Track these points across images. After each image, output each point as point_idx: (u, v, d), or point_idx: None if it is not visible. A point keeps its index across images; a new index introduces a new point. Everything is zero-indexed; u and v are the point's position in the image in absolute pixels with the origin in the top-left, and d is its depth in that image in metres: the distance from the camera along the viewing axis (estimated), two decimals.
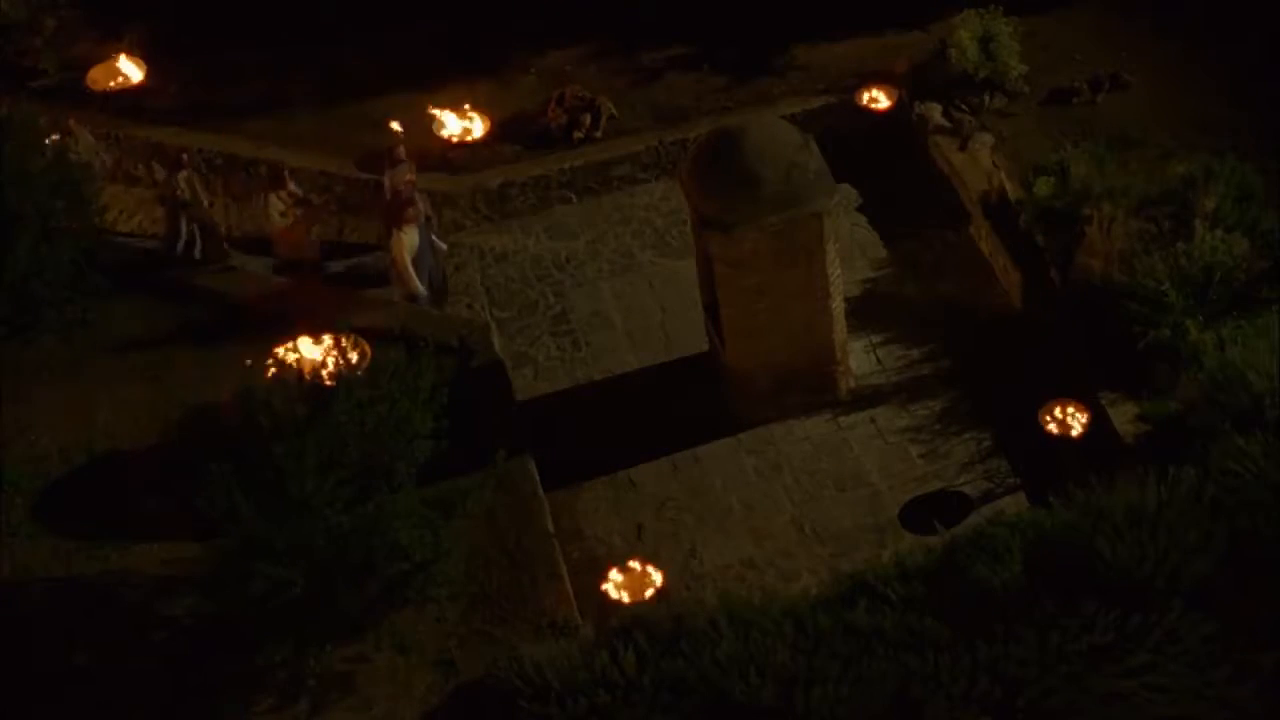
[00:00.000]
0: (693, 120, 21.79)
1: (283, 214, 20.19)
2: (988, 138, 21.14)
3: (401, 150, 20.33)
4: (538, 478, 17.63)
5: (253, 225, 21.36)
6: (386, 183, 20.30)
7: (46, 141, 20.09)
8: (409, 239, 19.17)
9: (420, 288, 19.46)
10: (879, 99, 20.98)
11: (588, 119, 21.93)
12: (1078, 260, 18.52)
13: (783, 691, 14.47)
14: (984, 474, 18.05)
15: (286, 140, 21.95)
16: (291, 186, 20.37)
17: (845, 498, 18.04)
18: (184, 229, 20.56)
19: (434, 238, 19.95)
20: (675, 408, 18.99)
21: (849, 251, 20.11)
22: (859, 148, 20.88)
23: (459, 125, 20.78)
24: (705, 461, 18.53)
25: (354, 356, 16.75)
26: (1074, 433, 17.16)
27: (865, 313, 19.72)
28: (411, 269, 19.31)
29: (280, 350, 17.10)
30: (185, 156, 20.70)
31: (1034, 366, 18.49)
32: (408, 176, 20.10)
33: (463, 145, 21.21)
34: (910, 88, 21.61)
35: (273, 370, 16.63)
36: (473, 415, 17.03)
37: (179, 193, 20.43)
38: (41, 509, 17.49)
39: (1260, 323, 17.41)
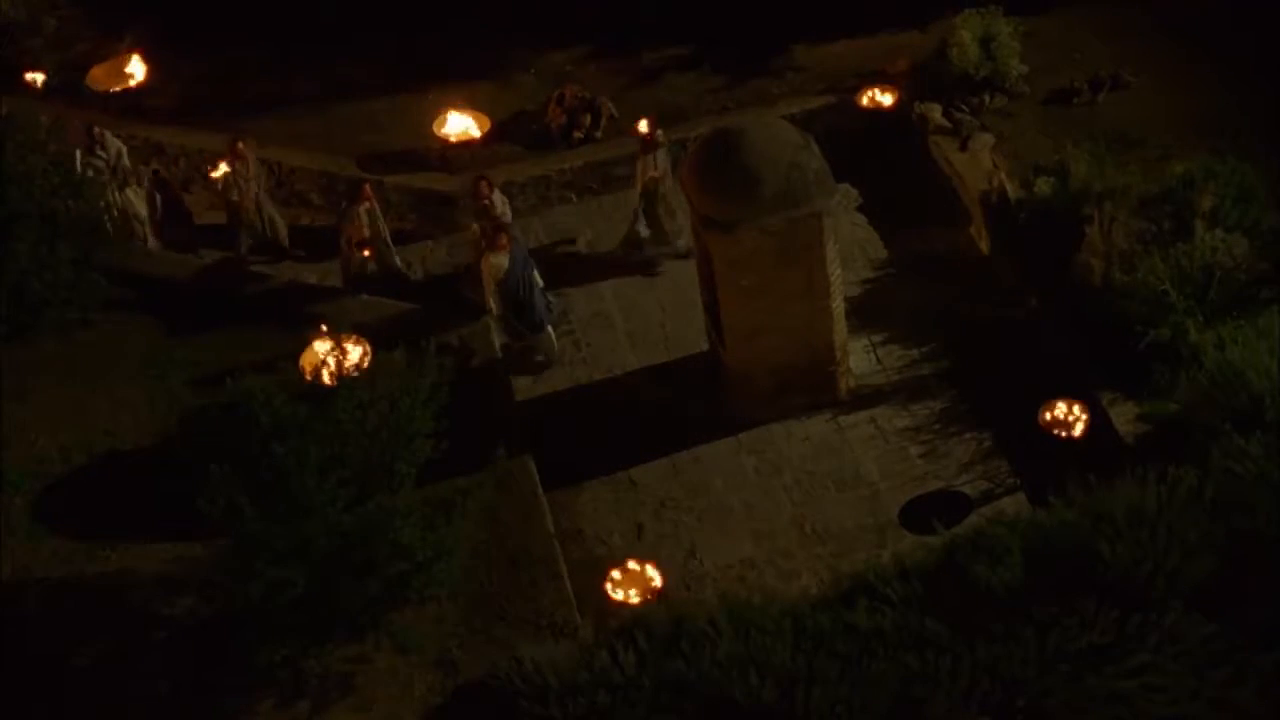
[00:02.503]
0: (693, 120, 21.81)
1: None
2: (988, 138, 21.15)
3: (660, 134, 20.26)
4: (538, 478, 17.64)
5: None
6: (639, 169, 20.20)
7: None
8: (496, 262, 18.95)
9: (495, 308, 19.25)
10: (879, 99, 20.98)
11: (588, 119, 21.94)
12: (1078, 260, 18.52)
13: (783, 691, 14.47)
14: (984, 474, 18.04)
15: (287, 140, 21.97)
16: (495, 199, 19.82)
17: (845, 498, 18.04)
18: (366, 266, 20.03)
19: (536, 274, 19.49)
20: (675, 408, 19.01)
21: (849, 251, 20.11)
22: (859, 148, 20.89)
23: (460, 125, 20.81)
24: (705, 461, 18.52)
25: (355, 356, 16.76)
26: (1074, 433, 17.16)
27: (865, 313, 19.71)
28: (495, 292, 19.11)
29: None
30: (367, 186, 20.06)
31: (1034, 366, 18.49)
32: (652, 172, 20.11)
33: (463, 145, 21.27)
34: (910, 88, 21.61)
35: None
36: (473, 415, 17.03)
37: (361, 227, 19.85)
38: (41, 509, 17.50)
39: (1260, 323, 17.40)
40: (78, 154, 20.42)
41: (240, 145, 20.60)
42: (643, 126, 20.40)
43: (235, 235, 20.98)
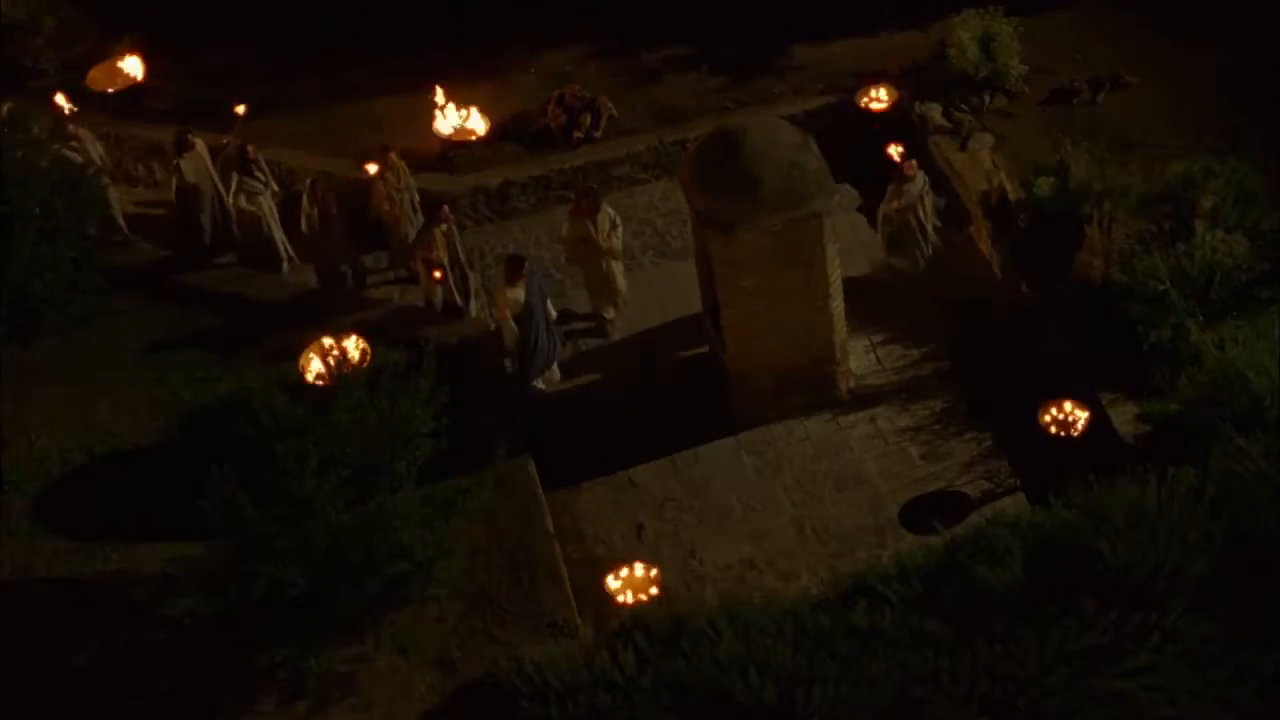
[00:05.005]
0: (693, 120, 21.80)
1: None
2: (988, 138, 21.15)
3: (913, 165, 19.90)
4: (538, 478, 17.64)
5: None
6: (895, 205, 19.88)
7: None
8: (512, 296, 18.89)
9: (510, 344, 19.19)
10: (879, 99, 20.97)
11: (588, 119, 21.94)
12: (1078, 260, 18.52)
13: (783, 691, 14.47)
14: (984, 474, 18.05)
15: (286, 140, 21.95)
16: (602, 222, 19.50)
17: (845, 498, 18.04)
18: (438, 296, 19.61)
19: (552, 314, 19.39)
20: (675, 407, 19.01)
21: (849, 251, 20.09)
22: (859, 148, 20.88)
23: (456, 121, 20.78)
24: (705, 461, 18.52)
25: (355, 356, 16.76)
26: (1074, 433, 17.16)
27: (865, 313, 19.71)
28: (510, 324, 19.05)
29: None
30: (445, 208, 19.62)
31: (1034, 366, 18.49)
32: (896, 202, 19.84)
33: (463, 145, 21.24)
34: (910, 88, 21.61)
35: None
36: (473, 415, 17.03)
37: (433, 250, 19.42)
38: (41, 509, 17.50)
39: (1260, 323, 17.42)
40: (233, 176, 20.34)
41: (391, 155, 20.36)
42: (895, 155, 20.02)
43: (382, 246, 20.72)
